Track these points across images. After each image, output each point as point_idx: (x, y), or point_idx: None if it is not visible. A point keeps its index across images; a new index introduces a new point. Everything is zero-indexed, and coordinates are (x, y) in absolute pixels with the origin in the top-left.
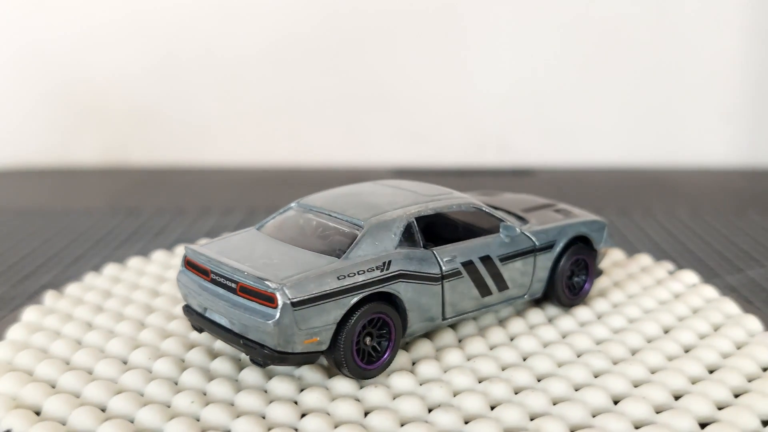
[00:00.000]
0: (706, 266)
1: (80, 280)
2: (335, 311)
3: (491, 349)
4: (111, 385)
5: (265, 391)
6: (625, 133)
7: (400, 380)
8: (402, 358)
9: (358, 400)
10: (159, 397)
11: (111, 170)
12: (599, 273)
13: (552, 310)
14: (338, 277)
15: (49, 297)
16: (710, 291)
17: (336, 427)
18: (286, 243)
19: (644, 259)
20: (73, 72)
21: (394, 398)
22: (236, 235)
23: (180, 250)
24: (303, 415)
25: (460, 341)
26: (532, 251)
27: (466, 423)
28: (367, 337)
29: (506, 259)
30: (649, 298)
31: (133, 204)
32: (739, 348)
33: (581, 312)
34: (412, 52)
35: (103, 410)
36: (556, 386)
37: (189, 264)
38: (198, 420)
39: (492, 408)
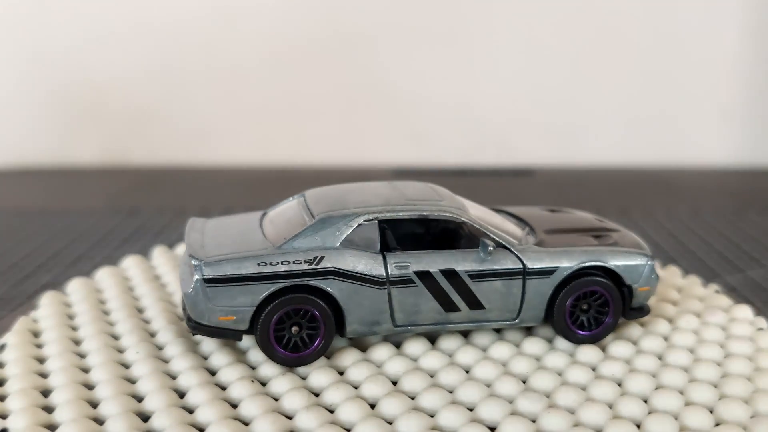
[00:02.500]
0: (706, 266)
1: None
2: (252, 295)
3: (447, 365)
4: (103, 325)
5: (205, 358)
6: (625, 133)
7: (316, 375)
8: (350, 355)
9: (264, 384)
10: (121, 344)
11: (111, 170)
12: (644, 312)
13: (563, 343)
14: (258, 264)
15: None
16: None
17: (215, 399)
18: (260, 228)
19: (742, 311)
20: (73, 72)
21: (291, 389)
22: (240, 215)
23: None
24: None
25: (428, 351)
26: (520, 273)
27: (330, 423)
28: (295, 326)
29: (480, 276)
30: (681, 353)
31: (133, 204)
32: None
33: (587, 352)
34: (412, 53)
35: (78, 343)
36: (448, 416)
37: None
38: (126, 368)
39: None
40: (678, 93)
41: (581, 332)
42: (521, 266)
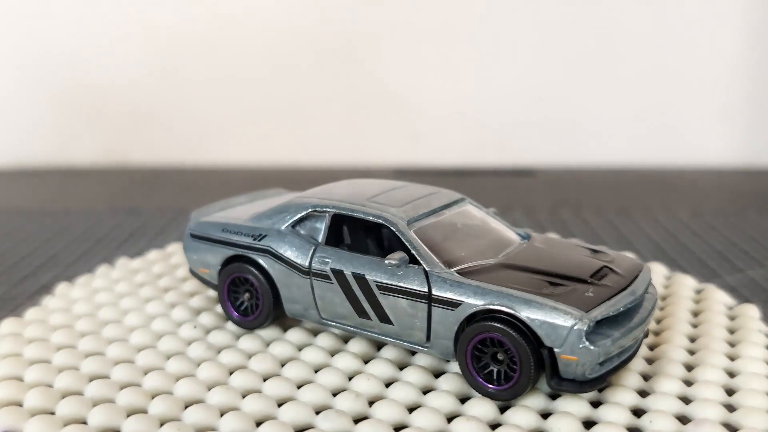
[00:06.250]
0: (706, 266)
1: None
2: (217, 256)
3: (346, 375)
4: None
5: (193, 324)
6: (625, 133)
7: (246, 341)
8: (298, 336)
9: (200, 335)
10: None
11: (111, 170)
12: (581, 387)
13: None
14: (222, 230)
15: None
16: None
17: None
18: (266, 204)
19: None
20: (73, 72)
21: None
22: (286, 192)
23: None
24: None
25: (353, 353)
26: (426, 298)
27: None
28: (247, 293)
29: (387, 290)
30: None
31: (133, 204)
32: None
33: (485, 404)
34: (412, 53)
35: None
36: (288, 412)
37: None
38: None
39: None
40: (678, 93)
41: (487, 384)
42: (427, 290)
